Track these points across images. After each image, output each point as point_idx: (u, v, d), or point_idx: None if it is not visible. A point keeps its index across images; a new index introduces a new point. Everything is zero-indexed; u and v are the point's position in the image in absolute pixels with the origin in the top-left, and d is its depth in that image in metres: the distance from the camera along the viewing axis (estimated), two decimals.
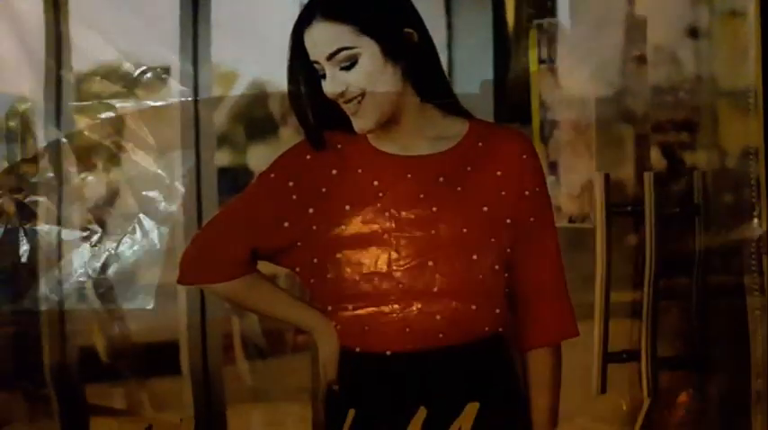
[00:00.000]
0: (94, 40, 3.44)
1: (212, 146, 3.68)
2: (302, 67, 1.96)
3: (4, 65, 3.48)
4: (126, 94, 3.46)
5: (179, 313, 3.66)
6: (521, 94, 3.61)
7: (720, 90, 3.20)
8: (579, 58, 3.55)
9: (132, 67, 3.43)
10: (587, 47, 3.52)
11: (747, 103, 2.99)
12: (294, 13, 1.98)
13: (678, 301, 3.20)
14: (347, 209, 1.96)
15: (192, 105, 3.59)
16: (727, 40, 3.18)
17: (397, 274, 1.94)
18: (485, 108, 3.51)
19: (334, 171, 1.98)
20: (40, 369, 3.60)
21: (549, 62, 3.56)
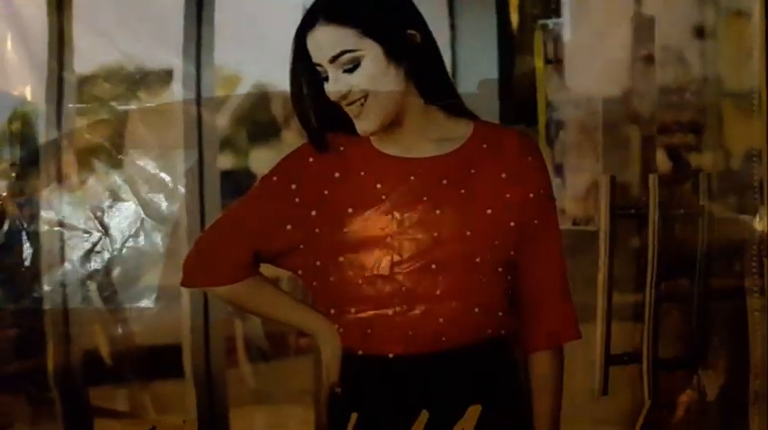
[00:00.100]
0: (97, 41, 3.45)
1: (215, 148, 3.68)
2: (305, 70, 1.95)
3: (7, 66, 3.48)
4: (128, 96, 3.46)
5: (182, 316, 3.67)
6: (526, 94, 3.61)
7: (725, 91, 3.20)
8: (586, 57, 3.54)
9: (135, 70, 3.43)
10: (594, 46, 3.52)
11: (751, 104, 2.99)
12: (296, 17, 1.98)
13: (679, 303, 3.20)
14: (350, 211, 1.95)
15: (195, 107, 3.59)
16: (732, 40, 3.18)
17: (399, 277, 1.93)
18: (490, 109, 3.50)
19: (336, 173, 1.98)
20: (43, 371, 3.60)
21: (556, 62, 3.56)
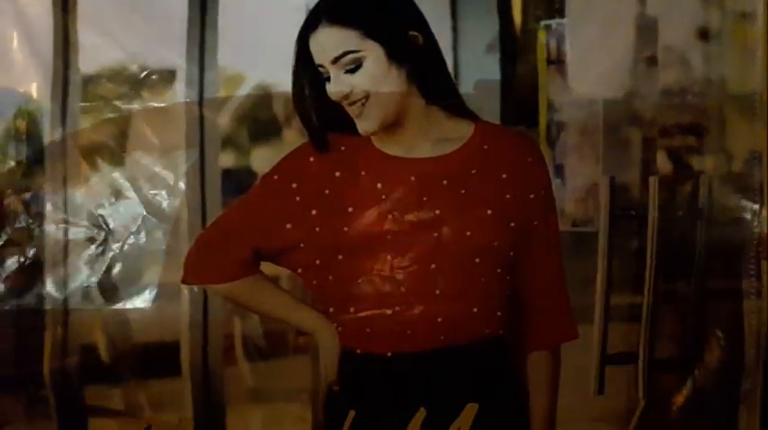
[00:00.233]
0: (102, 41, 3.46)
1: (216, 147, 3.69)
2: (307, 70, 1.96)
3: (12, 65, 3.49)
4: (132, 96, 3.47)
5: (181, 313, 3.67)
6: (528, 95, 3.61)
7: (728, 93, 3.20)
8: (589, 58, 3.54)
9: (139, 70, 3.44)
10: (597, 47, 3.52)
11: (754, 106, 3.00)
12: (299, 18, 1.98)
13: (676, 304, 3.21)
14: (350, 211, 1.95)
15: (197, 107, 3.60)
16: (736, 42, 3.18)
17: (399, 277, 1.93)
18: (491, 110, 3.51)
19: (337, 173, 1.98)
20: (39, 370, 3.59)
21: (558, 63, 3.56)
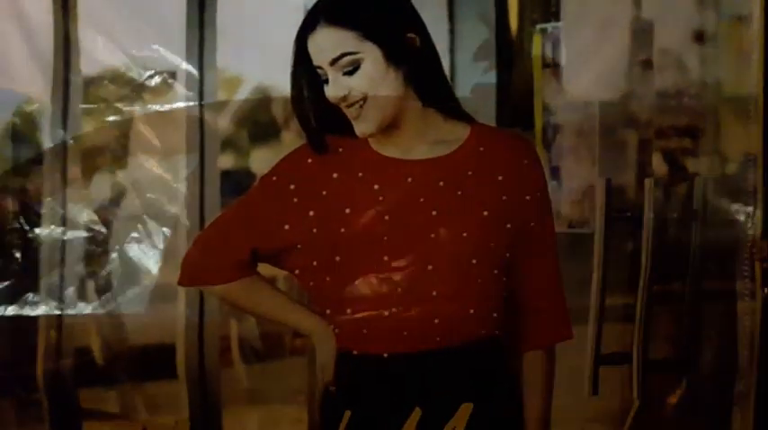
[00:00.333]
0: (102, 44, 3.46)
1: (216, 149, 3.69)
2: (305, 72, 1.96)
3: (11, 65, 3.50)
4: (133, 98, 3.47)
5: (177, 315, 3.66)
6: (523, 98, 3.62)
7: (724, 96, 3.21)
8: (585, 61, 3.55)
9: (139, 72, 3.45)
10: (593, 50, 3.52)
11: (749, 109, 3.00)
12: (297, 19, 1.98)
13: (670, 305, 3.22)
14: (347, 212, 1.96)
15: (198, 109, 3.60)
16: (731, 45, 3.19)
17: (396, 278, 1.94)
18: (487, 112, 3.51)
19: (335, 174, 1.99)
20: (33, 373, 3.58)
21: (554, 66, 3.57)
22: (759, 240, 2.96)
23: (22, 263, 3.38)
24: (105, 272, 3.44)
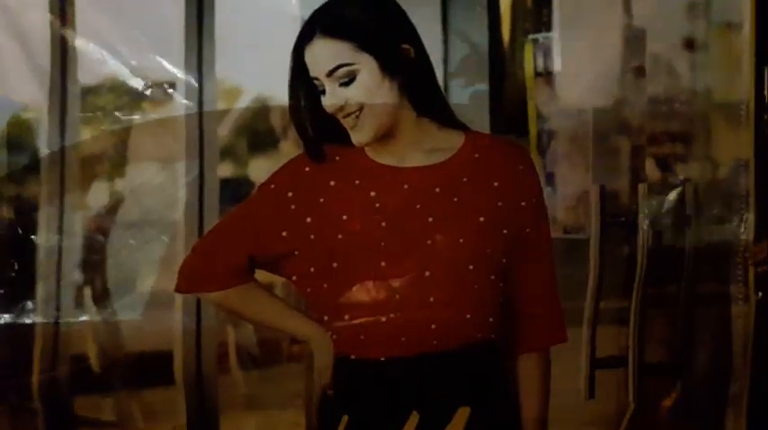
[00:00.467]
0: (101, 53, 3.47)
1: (215, 158, 3.69)
2: (303, 83, 1.98)
3: (7, 73, 3.50)
4: (132, 107, 3.48)
5: (174, 322, 3.65)
6: (517, 106, 3.63)
7: (715, 102, 3.23)
8: (578, 69, 3.57)
9: (139, 82, 3.46)
10: (585, 58, 3.54)
11: (740, 115, 3.02)
12: (295, 31, 2.00)
13: (665, 309, 3.24)
14: (344, 218, 1.97)
15: (197, 119, 3.61)
16: (722, 52, 3.21)
17: (393, 284, 1.95)
18: (481, 120, 3.53)
19: (332, 182, 2.00)
20: (28, 381, 3.58)
21: (546, 75, 3.59)
22: (752, 244, 2.98)
23: (18, 270, 3.38)
24: (102, 279, 3.45)
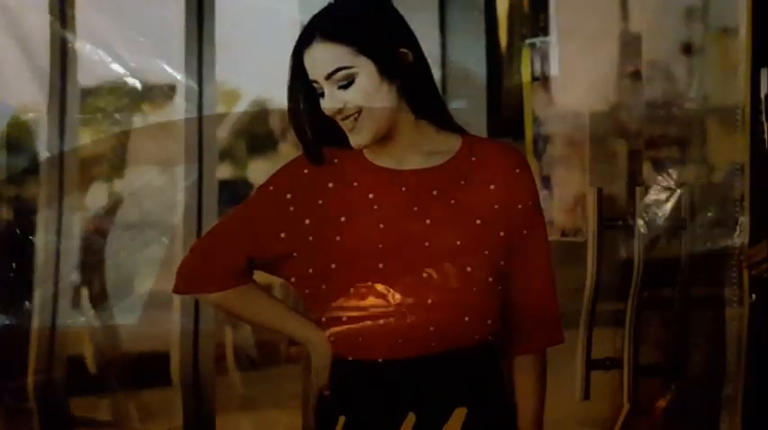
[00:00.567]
0: (101, 56, 3.48)
1: (214, 161, 3.70)
2: (302, 86, 1.99)
3: (6, 75, 3.50)
4: (132, 109, 3.49)
5: (172, 323, 3.65)
6: (513, 110, 3.64)
7: (711, 106, 3.24)
8: (574, 73, 3.58)
9: (138, 84, 3.47)
10: (582, 63, 3.55)
11: (735, 119, 3.03)
12: (294, 35, 2.01)
13: (660, 311, 3.25)
14: (342, 220, 1.98)
15: (197, 121, 3.62)
16: (719, 56, 3.21)
17: (391, 286, 1.96)
18: (478, 124, 3.54)
19: (330, 184, 2.01)
20: (23, 382, 3.57)
21: (543, 79, 3.60)
22: (746, 248, 2.99)
23: (16, 271, 3.38)
24: (100, 280, 3.45)
